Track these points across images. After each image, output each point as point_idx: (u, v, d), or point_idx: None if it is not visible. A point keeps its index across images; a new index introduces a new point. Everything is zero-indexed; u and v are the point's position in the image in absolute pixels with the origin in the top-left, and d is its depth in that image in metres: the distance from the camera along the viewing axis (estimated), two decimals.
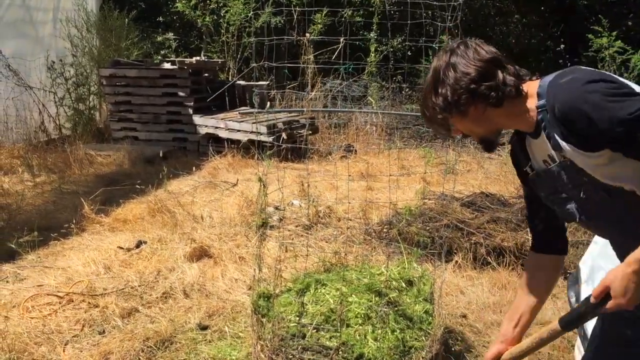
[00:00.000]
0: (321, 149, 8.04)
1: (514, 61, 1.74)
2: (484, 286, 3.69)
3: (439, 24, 2.81)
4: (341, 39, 2.75)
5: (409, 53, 10.21)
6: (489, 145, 1.79)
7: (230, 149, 7.27)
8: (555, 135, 1.59)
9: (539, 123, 1.65)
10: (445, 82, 1.64)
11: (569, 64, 11.63)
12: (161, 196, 5.26)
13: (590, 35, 9.97)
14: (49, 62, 8.04)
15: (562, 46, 11.49)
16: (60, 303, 3.41)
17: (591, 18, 10.44)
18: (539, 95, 1.63)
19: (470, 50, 1.66)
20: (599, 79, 1.52)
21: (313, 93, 2.50)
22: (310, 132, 7.97)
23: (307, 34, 2.36)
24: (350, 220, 4.98)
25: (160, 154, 7.17)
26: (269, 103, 6.62)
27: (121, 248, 4.24)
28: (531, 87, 1.66)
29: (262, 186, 2.77)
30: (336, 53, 2.70)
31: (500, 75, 1.63)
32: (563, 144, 1.58)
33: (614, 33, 9.71)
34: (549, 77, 1.65)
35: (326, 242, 4.47)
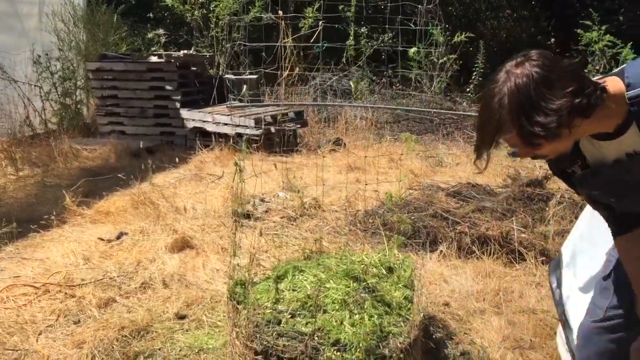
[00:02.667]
0: (310, 142, 7.99)
1: (505, 56, 1.65)
2: (468, 275, 3.65)
3: (418, 6, 2.76)
4: (320, 22, 2.68)
5: (399, 48, 10.21)
6: (558, 161, 1.68)
7: (218, 142, 7.20)
8: None
9: (628, 117, 1.55)
10: (542, 104, 1.41)
11: None
12: (145, 189, 5.20)
13: (579, 30, 9.96)
14: (35, 56, 7.93)
15: (552, 40, 11.48)
16: (36, 294, 3.35)
17: (582, 12, 10.42)
18: (630, 86, 1.53)
19: (549, 59, 1.46)
20: None
21: (286, 73, 2.44)
22: (299, 125, 7.91)
23: (280, 12, 2.29)
24: (336, 211, 4.93)
25: (141, 145, 7.07)
26: (244, 86, 6.55)
27: (102, 239, 4.18)
28: (609, 82, 1.53)
29: (238, 170, 2.70)
30: (315, 36, 2.64)
31: (587, 81, 1.47)
32: None
33: (604, 27, 9.69)
34: (634, 64, 1.57)
35: (311, 233, 4.41)
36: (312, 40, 2.59)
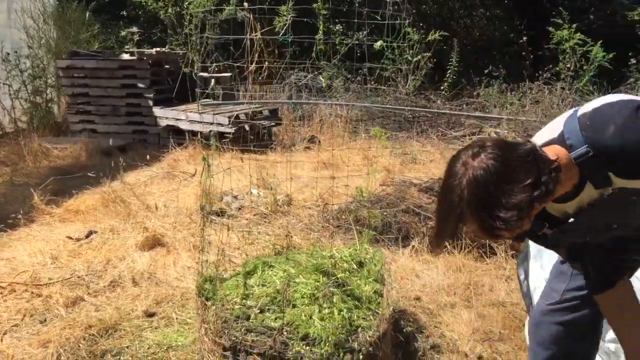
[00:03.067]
0: (285, 140, 7.97)
1: (478, 54, 1.66)
2: (439, 269, 3.67)
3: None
4: (289, 16, 2.66)
5: (374, 46, 10.21)
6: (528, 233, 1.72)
7: (191, 140, 7.14)
8: (607, 173, 1.59)
9: (582, 176, 1.61)
10: (502, 200, 1.41)
11: (532, 56, 11.77)
12: (116, 187, 5.13)
13: (551, 28, 10.09)
14: (4, 54, 7.79)
15: (524, 39, 11.62)
16: (1, 293, 3.28)
17: (553, 11, 10.56)
18: (572, 147, 1.58)
19: (504, 149, 1.47)
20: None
21: (253, 66, 2.41)
22: (273, 123, 7.89)
23: (245, 4, 2.26)
24: (309, 208, 4.92)
25: (111, 143, 6.97)
26: (213, 81, 6.51)
27: (70, 238, 4.11)
28: (555, 152, 1.56)
29: (206, 164, 2.68)
30: (284, 29, 2.62)
31: (542, 167, 1.47)
32: (615, 178, 1.59)
33: (575, 25, 9.83)
34: (569, 123, 1.62)
35: (283, 229, 4.39)
36: (281, 34, 2.57)
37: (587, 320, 2.05)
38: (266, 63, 2.74)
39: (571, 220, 1.72)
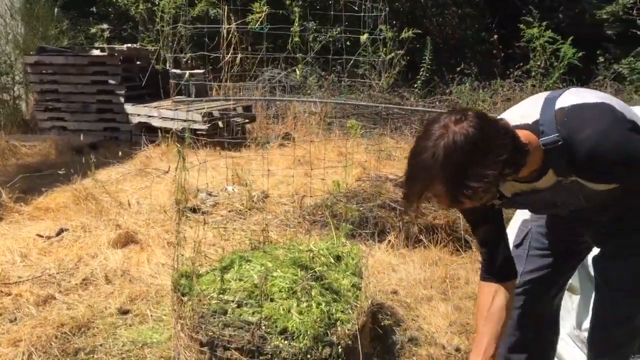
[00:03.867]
0: (259, 137, 7.92)
1: (450, 52, 1.69)
2: (416, 263, 3.68)
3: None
4: (264, 8, 2.64)
5: (348, 43, 10.21)
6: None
7: (164, 138, 7.05)
8: (568, 171, 1.65)
9: (544, 164, 1.65)
10: (475, 169, 1.44)
11: (503, 54, 11.90)
12: (88, 184, 5.03)
13: (522, 26, 10.22)
14: None
15: (495, 37, 11.75)
16: None
17: (524, 10, 10.70)
18: (543, 133, 1.61)
19: (486, 122, 1.49)
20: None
21: (229, 56, 2.37)
22: (247, 120, 7.84)
23: None
24: (285, 204, 4.89)
25: (82, 138, 6.84)
26: (187, 73, 6.44)
27: (40, 236, 4.01)
28: (525, 137, 1.59)
29: (182, 159, 2.63)
30: (258, 22, 2.59)
31: (517, 146, 1.52)
32: (575, 177, 1.67)
33: (545, 23, 9.98)
34: (546, 114, 1.64)
35: (259, 225, 4.35)
36: (255, 26, 2.54)
37: (547, 304, 2.10)
38: (239, 55, 2.70)
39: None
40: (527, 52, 10.17)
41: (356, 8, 2.87)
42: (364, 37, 2.72)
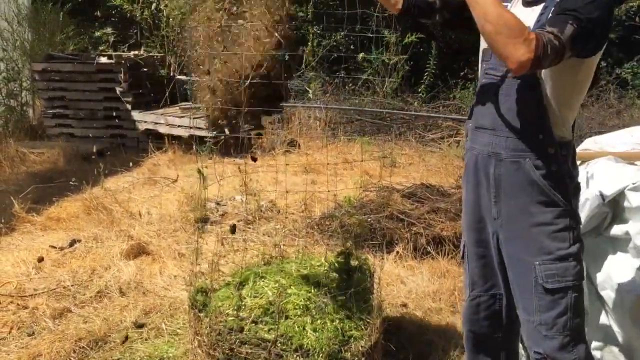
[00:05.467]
0: (264, 144, 7.97)
1: (454, 57, 1.76)
2: (424, 275, 3.73)
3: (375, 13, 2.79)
4: (279, 28, 2.69)
5: (352, 47, 10.26)
6: None
7: (171, 144, 7.11)
8: None
9: None
10: None
11: None
12: (97, 193, 5.09)
13: None
14: None
15: None
16: None
17: None
18: None
19: None
20: None
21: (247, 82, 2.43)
22: (253, 126, 7.88)
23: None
24: (293, 214, 4.94)
25: (94, 149, 6.91)
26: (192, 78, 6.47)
27: (54, 247, 4.07)
28: None
29: (202, 177, 2.69)
30: (274, 43, 2.64)
31: None
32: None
33: None
34: None
35: (268, 236, 4.42)
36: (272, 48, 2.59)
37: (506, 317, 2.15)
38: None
39: None
40: None
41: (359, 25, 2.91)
42: (361, 56, 2.75)
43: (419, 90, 10.50)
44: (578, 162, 2.35)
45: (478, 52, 2.13)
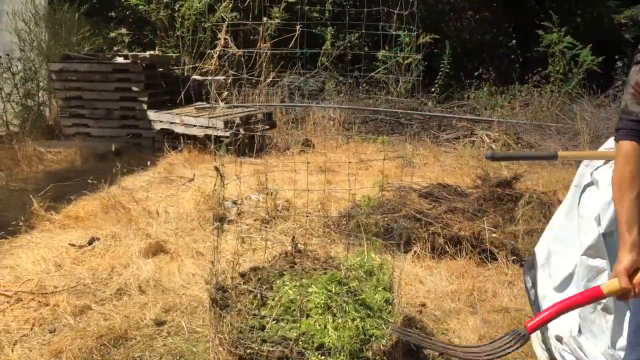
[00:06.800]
0: (279, 144, 8.00)
1: (468, 57, 1.71)
2: (442, 275, 3.72)
3: (395, 11, 2.79)
4: (297, 27, 2.70)
5: (366, 48, 10.26)
6: None
7: (186, 144, 7.14)
8: None
9: None
10: None
11: (521, 59, 11.89)
12: (115, 192, 5.13)
13: (540, 31, 10.21)
14: None
15: (513, 42, 11.74)
16: (8, 302, 3.27)
17: (541, 14, 10.69)
18: None
19: None
20: None
21: (268, 79, 2.45)
22: (267, 126, 7.91)
23: (265, 18, 2.28)
24: (310, 213, 4.95)
25: (113, 149, 6.98)
26: (219, 80, 6.52)
27: (73, 245, 4.10)
28: None
29: (220, 176, 2.70)
30: (292, 42, 2.66)
31: None
32: None
33: (564, 29, 9.96)
34: None
35: (285, 235, 4.42)
36: (290, 46, 2.60)
37: None
38: (272, 74, 2.76)
39: None
40: (545, 56, 10.15)
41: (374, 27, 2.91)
42: (382, 54, 2.75)
43: (433, 90, 10.47)
44: (603, 162, 2.34)
45: (491, 52, 2.06)
